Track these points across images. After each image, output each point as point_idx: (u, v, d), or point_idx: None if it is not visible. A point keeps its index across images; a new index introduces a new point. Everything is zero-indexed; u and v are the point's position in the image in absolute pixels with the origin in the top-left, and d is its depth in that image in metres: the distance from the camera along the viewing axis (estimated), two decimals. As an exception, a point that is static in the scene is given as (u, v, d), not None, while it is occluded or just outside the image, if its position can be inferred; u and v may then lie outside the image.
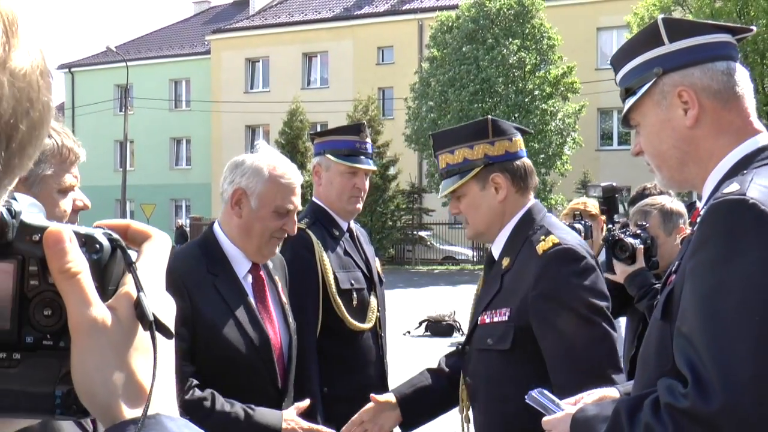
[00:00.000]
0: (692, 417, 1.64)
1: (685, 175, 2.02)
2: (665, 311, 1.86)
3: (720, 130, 1.94)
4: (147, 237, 0.89)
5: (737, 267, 1.67)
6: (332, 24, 43.79)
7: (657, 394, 1.75)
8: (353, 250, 3.82)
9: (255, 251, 2.98)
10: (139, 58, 48.31)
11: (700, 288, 1.71)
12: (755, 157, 1.89)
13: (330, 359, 3.62)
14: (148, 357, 0.81)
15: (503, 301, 2.77)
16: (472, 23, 31.48)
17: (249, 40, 45.68)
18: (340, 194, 3.77)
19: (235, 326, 2.87)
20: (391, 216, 34.98)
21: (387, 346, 3.91)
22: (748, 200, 1.69)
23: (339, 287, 3.65)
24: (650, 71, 2.01)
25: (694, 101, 1.95)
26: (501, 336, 2.74)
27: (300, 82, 44.06)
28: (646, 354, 1.96)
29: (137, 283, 0.82)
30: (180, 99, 49.02)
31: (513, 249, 2.84)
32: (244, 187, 2.93)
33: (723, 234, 1.71)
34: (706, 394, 1.62)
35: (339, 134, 3.87)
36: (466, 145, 2.91)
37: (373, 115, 34.67)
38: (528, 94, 30.97)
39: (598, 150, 37.85)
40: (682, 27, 2.04)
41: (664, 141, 2.00)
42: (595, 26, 38.14)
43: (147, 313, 0.80)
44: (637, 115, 2.07)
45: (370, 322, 3.75)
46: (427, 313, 16.01)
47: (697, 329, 1.68)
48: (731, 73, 1.97)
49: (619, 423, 1.81)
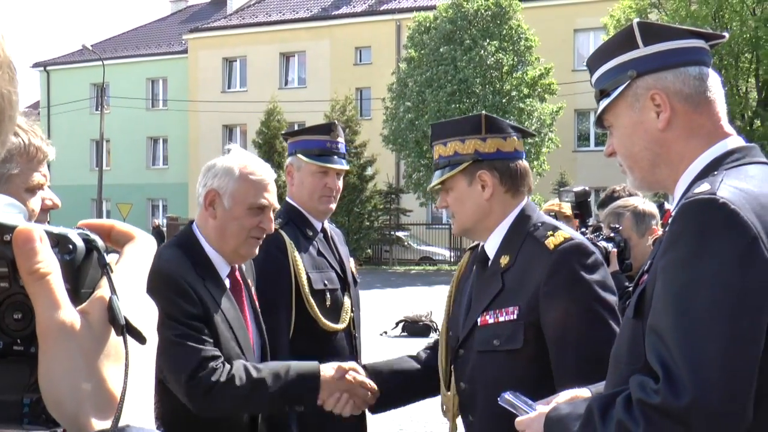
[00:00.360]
0: (663, 412, 1.67)
1: (657, 177, 2.06)
2: (637, 309, 1.90)
3: (691, 133, 1.99)
4: (130, 239, 0.87)
5: (708, 265, 1.70)
6: (310, 24, 43.72)
7: (629, 391, 1.78)
8: (327, 251, 3.81)
9: (232, 252, 2.97)
10: (115, 57, 48.03)
11: (672, 286, 1.74)
12: (725, 159, 1.94)
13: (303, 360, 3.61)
14: (120, 364, 0.78)
15: (509, 300, 2.70)
16: (449, 24, 31.54)
17: (226, 39, 45.52)
18: (311, 194, 3.76)
19: (227, 325, 2.89)
20: (368, 216, 34.98)
21: (361, 346, 3.90)
22: (718, 200, 1.73)
23: (312, 287, 3.64)
24: (624, 74, 2.05)
25: (666, 104, 1.99)
26: (510, 335, 2.67)
27: (277, 82, 43.95)
28: (619, 352, 1.99)
29: (111, 286, 0.79)
30: (157, 98, 48.77)
31: (512, 247, 2.78)
32: (216, 188, 2.93)
33: (694, 233, 1.75)
34: (676, 389, 1.66)
35: (310, 134, 3.85)
36: (458, 139, 2.87)
37: (351, 116, 34.66)
38: (505, 95, 31.05)
39: (575, 151, 38.02)
40: (656, 31, 2.07)
41: (637, 143, 2.04)
42: (572, 28, 38.31)
43: (119, 317, 0.77)
44: (611, 116, 2.10)
45: (344, 322, 3.74)
46: (404, 313, 16.01)
47: (668, 326, 1.71)
48: (703, 78, 2.01)
49: (591, 420, 1.84)
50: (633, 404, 1.74)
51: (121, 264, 0.84)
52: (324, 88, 41.23)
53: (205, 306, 2.81)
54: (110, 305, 0.78)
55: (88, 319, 0.78)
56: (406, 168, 33.23)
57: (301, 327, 3.60)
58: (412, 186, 32.59)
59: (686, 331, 1.68)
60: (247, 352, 2.95)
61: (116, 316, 0.77)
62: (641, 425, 1.70)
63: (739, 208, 1.72)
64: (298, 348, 3.58)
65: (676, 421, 1.66)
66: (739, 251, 1.69)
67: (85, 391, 0.76)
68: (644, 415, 1.70)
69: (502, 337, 2.69)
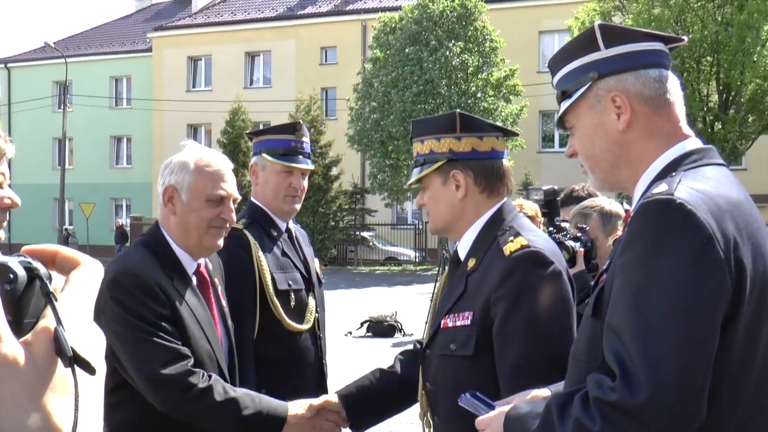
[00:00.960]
0: (619, 409, 1.70)
1: (617, 178, 2.08)
2: (596, 308, 1.92)
3: (651, 134, 2.02)
4: (76, 264, 0.85)
5: (664, 265, 1.73)
6: (275, 23, 43.58)
7: (587, 389, 1.80)
8: (291, 251, 3.80)
9: (196, 245, 2.95)
10: (78, 55, 47.54)
11: (629, 285, 1.77)
12: (683, 160, 1.97)
13: (267, 360, 3.59)
14: (68, 397, 0.75)
15: (466, 304, 2.65)
16: (415, 25, 31.59)
17: (191, 38, 45.25)
18: (275, 194, 3.74)
19: (197, 324, 2.87)
20: (333, 216, 34.94)
21: (326, 347, 3.89)
22: (675, 200, 1.77)
23: (276, 288, 3.62)
24: (586, 75, 2.07)
25: (627, 106, 2.01)
26: (464, 341, 2.62)
27: (242, 82, 43.77)
28: (577, 351, 2.01)
29: (56, 316, 0.76)
30: (120, 97, 48.35)
31: (479, 250, 2.72)
32: (173, 184, 2.92)
33: (651, 232, 1.78)
34: (633, 387, 1.69)
35: (274, 133, 3.83)
36: (434, 137, 2.80)
37: (316, 115, 34.60)
38: (471, 96, 31.16)
39: (540, 152, 38.25)
40: (617, 33, 2.10)
41: (597, 144, 2.07)
42: (537, 30, 38.54)
43: (66, 348, 0.75)
44: (572, 117, 2.12)
45: (308, 323, 3.73)
46: (368, 313, 16.01)
47: (625, 325, 1.74)
48: (663, 81, 2.04)
49: (550, 418, 1.86)
50: (590, 402, 1.77)
51: (67, 291, 0.81)
52: (289, 88, 41.11)
53: (173, 306, 2.79)
54: (56, 336, 0.75)
55: (32, 351, 0.75)
56: (371, 168, 33.23)
57: (265, 328, 3.59)
58: (377, 186, 32.61)
59: (643, 330, 1.71)
60: (218, 351, 2.93)
61: (63, 347, 0.75)
62: (598, 422, 1.73)
63: (696, 209, 1.75)
64: (262, 349, 3.57)
65: (632, 418, 1.69)
66: (695, 251, 1.73)
67: (32, 427, 0.73)
68: (601, 413, 1.73)
69: (458, 342, 2.65)
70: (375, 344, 13.90)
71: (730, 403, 1.79)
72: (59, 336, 0.75)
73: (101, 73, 47.70)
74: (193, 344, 2.83)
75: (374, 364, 3.29)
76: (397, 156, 31.17)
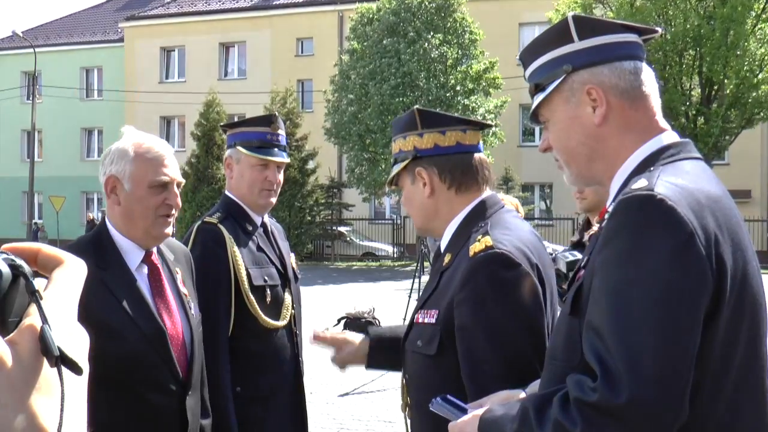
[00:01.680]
0: (601, 410, 1.69)
1: (593, 172, 2.07)
2: (574, 306, 1.90)
3: (627, 128, 2.01)
4: (59, 263, 0.84)
5: (645, 262, 1.72)
6: (250, 14, 43.47)
7: (566, 390, 1.78)
8: (267, 246, 3.78)
9: (143, 235, 2.92)
10: (48, 45, 47.24)
11: (609, 282, 1.76)
12: (661, 154, 1.96)
13: (243, 358, 3.57)
14: (53, 397, 0.74)
15: (435, 302, 2.63)
16: (393, 16, 31.58)
17: (164, 28, 45.05)
18: (251, 187, 3.72)
19: (126, 321, 2.80)
20: (309, 211, 34.87)
21: (303, 343, 3.88)
22: (656, 196, 1.76)
23: (252, 284, 3.61)
24: (560, 68, 2.06)
25: (602, 99, 2.00)
26: (429, 339, 2.59)
27: (217, 73, 43.65)
28: (554, 350, 2.00)
29: (42, 314, 0.76)
30: (92, 88, 48.11)
31: (456, 245, 2.68)
32: (114, 174, 2.90)
33: (631, 229, 1.77)
34: (614, 387, 1.68)
35: (250, 125, 3.81)
36: (401, 136, 2.82)
37: (292, 108, 34.50)
38: (450, 89, 31.20)
39: (521, 146, 38.40)
40: (591, 25, 2.07)
41: (573, 137, 2.05)
42: (517, 21, 38.67)
43: (52, 347, 0.74)
44: (546, 111, 2.11)
45: (285, 319, 3.72)
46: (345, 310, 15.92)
47: (606, 324, 1.73)
48: (638, 73, 2.03)
49: (527, 421, 1.83)
50: (570, 403, 1.75)
51: (51, 290, 0.81)
52: (264, 80, 41.04)
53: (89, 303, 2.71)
54: (42, 335, 0.75)
55: (17, 350, 0.75)
56: (349, 162, 33.21)
57: (240, 324, 3.57)
58: (354, 180, 32.59)
59: (624, 329, 1.70)
60: (160, 344, 2.86)
61: (49, 347, 0.74)
62: (579, 425, 1.71)
63: (676, 204, 1.75)
64: (237, 346, 3.55)
65: (615, 418, 1.68)
66: (676, 247, 1.72)
67: (17, 429, 0.72)
68: (582, 414, 1.72)
69: (424, 340, 2.62)
70: (352, 341, 13.89)
71: (711, 399, 1.78)
72: (46, 335, 0.74)
73: (71, 63, 47.41)
74: (117, 344, 2.74)
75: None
76: (374, 149, 31.17)
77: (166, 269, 3.05)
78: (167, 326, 2.91)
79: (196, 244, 3.45)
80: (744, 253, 1.83)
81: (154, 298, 2.93)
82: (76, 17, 51.35)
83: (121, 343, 2.76)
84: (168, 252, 3.10)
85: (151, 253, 2.99)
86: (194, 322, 3.06)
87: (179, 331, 2.97)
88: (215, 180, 32.67)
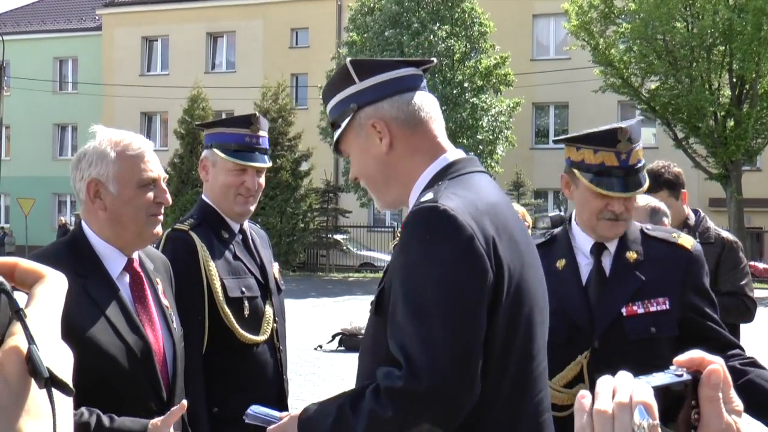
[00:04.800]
0: (407, 395, 2.14)
1: (392, 195, 2.52)
2: (378, 307, 2.34)
3: (413, 151, 2.45)
4: (39, 278, 0.85)
5: (433, 266, 2.18)
6: (241, 1, 43.52)
7: (376, 382, 2.21)
8: (245, 255, 3.78)
9: (135, 238, 2.93)
10: (17, 32, 47.29)
11: (406, 286, 2.20)
12: (447, 170, 2.41)
13: (220, 376, 3.57)
14: (43, 419, 0.76)
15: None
16: (395, 5, 31.63)
17: (146, 16, 45.11)
18: (226, 193, 3.73)
19: (110, 332, 2.80)
20: (302, 217, 34.90)
21: (287, 360, 3.89)
22: (439, 206, 2.20)
23: (227, 295, 3.61)
24: (348, 107, 2.50)
25: (386, 130, 2.44)
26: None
27: (203, 65, 43.69)
28: (364, 348, 2.45)
29: (28, 334, 0.77)
30: (66, 80, 48.18)
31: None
32: (96, 177, 2.90)
33: (420, 236, 2.21)
34: (417, 374, 2.12)
35: (227, 126, 3.81)
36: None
37: (284, 104, 34.57)
38: (457, 86, 31.23)
39: (533, 148, 38.42)
40: (368, 66, 2.52)
41: (370, 166, 2.49)
42: (531, 13, 38.72)
43: (41, 368, 0.75)
44: (344, 145, 2.56)
45: (265, 333, 3.72)
46: (341, 325, 16.00)
47: (406, 321, 2.17)
48: (416, 102, 2.47)
49: (343, 413, 2.24)
50: (381, 392, 2.18)
51: (33, 307, 0.82)
52: (255, 73, 41.08)
53: (67, 312, 2.71)
54: (30, 356, 0.76)
55: (4, 372, 0.76)
56: (346, 164, 33.22)
57: (216, 339, 3.57)
58: (351, 184, 32.59)
59: (421, 325, 2.15)
60: (145, 358, 2.87)
61: (38, 368, 0.75)
62: (390, 409, 2.15)
63: (457, 213, 2.19)
64: (213, 363, 3.56)
65: (419, 402, 2.14)
66: (459, 249, 2.17)
67: None
68: (391, 400, 2.15)
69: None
70: (348, 359, 13.88)
71: (498, 376, 2.26)
72: (34, 356, 0.76)
73: (44, 53, 47.46)
74: (98, 358, 2.74)
75: (346, 381, 3.30)
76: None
77: (147, 279, 3.06)
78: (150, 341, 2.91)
79: (165, 252, 3.45)
80: (519, 249, 2.32)
81: (137, 310, 2.94)
82: (49, 2, 51.37)
83: (103, 357, 2.76)
84: (147, 261, 3.11)
85: (133, 261, 3.00)
86: (176, 337, 3.07)
87: (161, 347, 2.98)
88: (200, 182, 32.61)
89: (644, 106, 30.62)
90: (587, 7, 30.06)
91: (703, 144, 29.55)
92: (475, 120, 31.08)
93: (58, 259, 2.81)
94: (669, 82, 29.43)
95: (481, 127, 31.20)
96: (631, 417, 0.87)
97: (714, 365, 0.95)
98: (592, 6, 30.00)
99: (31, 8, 51.26)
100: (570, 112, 38.38)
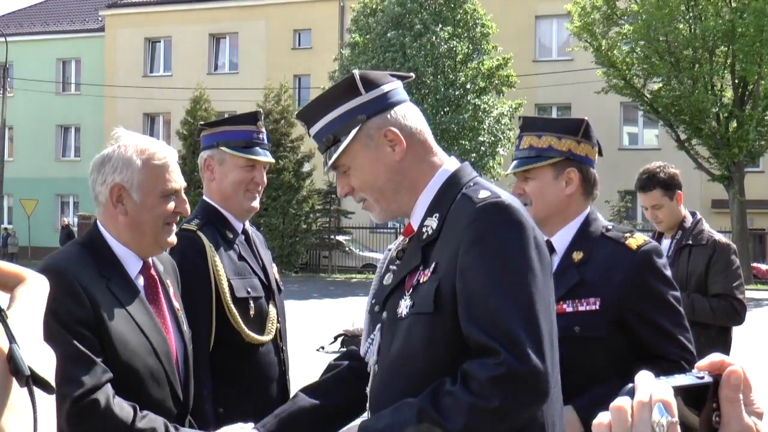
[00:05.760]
0: (513, 380, 2.17)
1: (399, 203, 2.54)
2: (436, 305, 2.29)
3: (420, 159, 2.52)
4: (20, 280, 0.87)
5: (512, 254, 2.27)
6: (243, 2, 43.53)
7: (455, 380, 2.20)
8: (249, 255, 3.80)
9: (151, 243, 2.97)
10: (21, 33, 47.32)
11: (491, 276, 2.25)
12: (458, 175, 2.50)
13: (225, 376, 3.58)
14: (24, 418, 0.77)
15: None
16: (398, 6, 31.63)
17: (149, 17, 45.13)
18: (236, 190, 3.75)
19: (138, 332, 2.84)
20: (305, 218, 34.90)
21: (289, 361, 3.90)
22: (504, 201, 2.33)
23: (234, 295, 3.63)
24: (354, 118, 2.49)
25: (400, 138, 2.48)
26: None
27: (206, 66, 43.71)
28: (411, 351, 2.35)
29: (9, 334, 0.78)
30: (68, 81, 48.17)
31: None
32: (120, 183, 2.92)
33: (498, 226, 2.30)
34: (520, 357, 2.17)
35: (234, 124, 3.85)
36: (555, 135, 3.38)
37: (287, 105, 34.59)
38: (459, 87, 31.23)
39: (535, 150, 38.36)
40: (372, 78, 2.55)
41: (380, 176, 2.51)
42: (534, 14, 38.71)
43: (22, 367, 0.77)
44: (347, 159, 2.53)
45: (270, 333, 3.73)
46: (343, 326, 16.01)
47: (503, 305, 2.22)
48: (415, 112, 2.57)
49: (426, 416, 2.19)
50: (477, 384, 2.17)
51: (15, 308, 0.83)
52: (258, 75, 41.09)
53: (97, 311, 2.76)
54: (11, 355, 0.77)
55: None
56: (348, 165, 33.18)
57: (222, 339, 3.58)
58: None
59: (520, 308, 2.22)
60: (167, 363, 2.91)
61: (19, 367, 0.77)
62: (497, 398, 2.16)
63: (520, 208, 2.36)
64: (220, 362, 3.56)
65: (524, 384, 2.18)
66: (529, 239, 2.30)
67: None
68: (496, 388, 2.16)
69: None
70: (349, 361, 13.89)
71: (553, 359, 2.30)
72: (15, 355, 0.77)
73: (47, 54, 47.46)
74: (127, 356, 2.78)
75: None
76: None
77: (160, 281, 3.09)
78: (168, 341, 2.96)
79: (173, 253, 3.47)
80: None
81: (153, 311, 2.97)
82: (53, 3, 51.38)
83: (133, 356, 2.80)
84: (158, 263, 3.14)
85: (149, 264, 3.04)
86: (187, 339, 3.10)
87: (173, 349, 3.01)
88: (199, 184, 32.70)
89: (647, 107, 30.66)
90: (590, 9, 30.06)
91: (705, 145, 29.55)
92: (478, 122, 31.08)
93: (81, 261, 2.85)
94: (671, 83, 29.44)
95: (483, 128, 31.20)
96: (650, 414, 0.89)
97: (734, 366, 0.96)
98: (595, 7, 30.01)
99: (34, 9, 51.27)
100: (572, 113, 38.31)
